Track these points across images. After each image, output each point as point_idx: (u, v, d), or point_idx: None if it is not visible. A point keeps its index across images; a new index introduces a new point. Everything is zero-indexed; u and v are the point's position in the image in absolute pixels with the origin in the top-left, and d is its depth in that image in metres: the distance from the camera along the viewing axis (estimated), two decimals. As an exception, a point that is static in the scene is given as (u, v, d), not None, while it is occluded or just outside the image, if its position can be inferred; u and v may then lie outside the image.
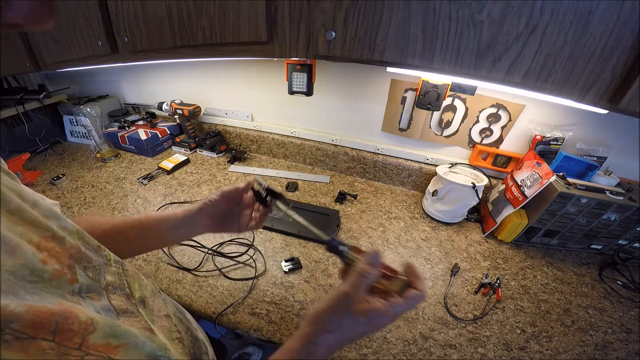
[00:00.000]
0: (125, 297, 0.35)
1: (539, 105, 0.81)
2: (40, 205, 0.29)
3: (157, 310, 0.39)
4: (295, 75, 0.83)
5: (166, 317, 0.39)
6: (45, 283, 0.24)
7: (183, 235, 0.52)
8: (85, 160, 1.24)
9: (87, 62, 0.90)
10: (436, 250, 0.81)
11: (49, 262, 0.26)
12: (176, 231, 0.50)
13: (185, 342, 0.39)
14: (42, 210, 0.29)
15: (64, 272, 0.27)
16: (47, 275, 0.25)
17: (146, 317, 0.35)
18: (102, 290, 0.32)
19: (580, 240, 0.79)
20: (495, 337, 0.60)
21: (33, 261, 0.24)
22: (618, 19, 0.40)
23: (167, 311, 0.41)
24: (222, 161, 1.22)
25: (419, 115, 0.95)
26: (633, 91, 0.42)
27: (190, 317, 0.50)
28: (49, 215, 0.29)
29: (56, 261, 0.27)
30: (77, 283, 0.28)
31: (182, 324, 0.42)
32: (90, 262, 0.32)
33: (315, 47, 0.58)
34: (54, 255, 0.27)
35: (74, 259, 0.29)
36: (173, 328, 0.39)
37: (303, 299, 0.66)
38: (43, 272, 0.25)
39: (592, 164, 0.78)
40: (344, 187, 1.06)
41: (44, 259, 0.25)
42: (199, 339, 0.46)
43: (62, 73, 1.47)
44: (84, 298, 0.28)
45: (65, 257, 0.28)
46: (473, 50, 0.48)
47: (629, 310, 0.66)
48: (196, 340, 0.44)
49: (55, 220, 0.30)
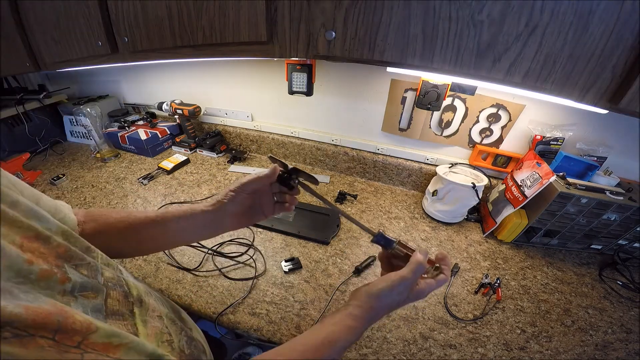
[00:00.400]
0: (124, 295, 0.34)
1: (539, 105, 0.81)
2: (21, 205, 0.28)
3: (151, 310, 0.39)
4: (295, 75, 0.83)
5: (159, 317, 0.39)
6: (33, 284, 0.24)
7: (205, 235, 0.50)
8: (85, 160, 1.24)
9: (87, 62, 0.90)
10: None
11: (35, 262, 0.25)
12: (196, 232, 0.48)
13: (175, 345, 0.38)
14: (22, 211, 0.28)
15: (53, 271, 0.26)
16: (33, 276, 0.24)
17: (139, 317, 0.35)
18: (102, 287, 0.32)
19: (580, 240, 0.79)
20: (495, 337, 0.60)
21: (18, 262, 0.24)
22: (618, 19, 0.40)
23: (160, 311, 0.41)
24: (222, 161, 1.22)
25: (419, 115, 0.95)
26: (633, 91, 0.42)
27: (186, 316, 0.49)
28: (30, 215, 0.28)
29: (43, 261, 0.26)
30: (69, 282, 0.27)
31: (174, 325, 0.42)
32: (83, 260, 0.31)
33: (315, 47, 0.58)
34: (40, 255, 0.26)
35: (63, 258, 0.29)
36: (164, 330, 0.39)
37: (303, 299, 0.66)
38: (29, 272, 0.24)
39: (592, 164, 0.78)
40: (344, 187, 1.06)
41: (29, 259, 0.24)
42: (195, 338, 0.45)
43: (62, 73, 1.47)
44: (77, 297, 0.27)
45: (52, 257, 0.27)
46: (473, 50, 0.48)
47: (629, 310, 0.66)
48: (192, 340, 0.44)
49: (37, 220, 0.29)
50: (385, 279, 0.40)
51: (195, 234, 0.49)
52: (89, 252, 0.33)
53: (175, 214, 0.46)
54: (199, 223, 0.47)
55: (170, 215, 0.46)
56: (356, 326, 0.38)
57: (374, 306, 0.40)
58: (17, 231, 0.26)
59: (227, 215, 0.47)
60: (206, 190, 1.03)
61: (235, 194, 0.46)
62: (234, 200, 0.46)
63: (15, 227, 0.26)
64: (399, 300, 0.41)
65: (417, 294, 0.41)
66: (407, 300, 0.41)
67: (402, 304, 0.42)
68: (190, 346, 0.42)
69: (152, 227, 0.45)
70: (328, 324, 0.39)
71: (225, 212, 0.47)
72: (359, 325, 0.39)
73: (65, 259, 0.29)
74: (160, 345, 0.36)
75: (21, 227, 0.26)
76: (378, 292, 0.40)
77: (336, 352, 0.37)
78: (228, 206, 0.46)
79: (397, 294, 0.40)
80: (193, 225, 0.47)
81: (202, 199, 0.97)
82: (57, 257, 0.28)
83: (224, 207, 0.46)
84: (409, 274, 0.40)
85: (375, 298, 0.40)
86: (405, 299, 0.41)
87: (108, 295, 0.32)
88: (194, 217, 0.46)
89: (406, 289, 0.40)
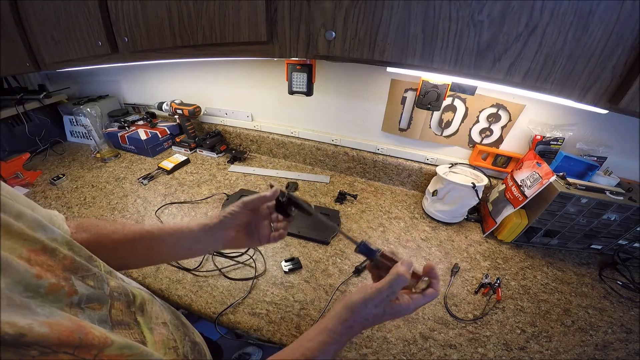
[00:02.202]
0: (126, 305, 0.35)
1: (539, 105, 0.81)
2: (26, 217, 0.28)
3: (155, 317, 0.39)
4: (295, 75, 0.83)
5: (163, 324, 0.39)
6: (42, 298, 0.24)
7: (198, 250, 0.49)
8: (85, 160, 1.24)
9: (87, 62, 0.90)
10: (436, 250, 0.81)
11: (44, 276, 0.25)
12: (191, 246, 0.47)
13: (180, 352, 0.39)
14: (27, 222, 0.28)
15: (60, 284, 0.26)
16: (43, 290, 0.24)
17: (144, 326, 0.35)
18: (107, 297, 0.32)
19: (580, 240, 0.79)
20: (495, 337, 0.60)
21: (26, 277, 0.24)
22: (618, 19, 0.40)
23: (164, 318, 0.41)
24: (222, 161, 1.22)
25: (419, 115, 0.95)
26: (633, 91, 0.42)
27: (185, 320, 0.50)
28: (35, 226, 0.28)
29: (51, 274, 0.26)
30: (76, 295, 0.27)
31: (178, 330, 0.42)
32: (89, 271, 0.31)
33: (315, 47, 0.58)
34: (47, 269, 0.26)
35: (69, 270, 0.29)
36: (170, 336, 0.39)
37: (303, 299, 0.66)
38: (38, 287, 0.24)
39: (592, 164, 0.78)
40: (344, 187, 1.06)
41: (37, 273, 0.25)
42: (198, 343, 0.46)
43: (62, 73, 1.47)
44: (83, 309, 0.28)
45: (59, 269, 0.28)
46: (473, 50, 0.48)
47: (629, 310, 0.66)
48: (195, 345, 0.44)
49: (42, 231, 0.29)
50: (361, 290, 0.38)
51: (191, 249, 0.48)
52: (92, 261, 0.34)
53: (172, 227, 0.47)
54: (195, 236, 0.47)
55: (166, 228, 0.46)
56: (331, 342, 0.36)
57: (348, 319, 0.37)
58: (24, 244, 0.26)
59: (224, 230, 0.47)
60: (206, 190, 1.03)
61: (235, 210, 0.46)
62: (234, 215, 0.46)
63: (22, 240, 0.26)
64: (375, 313, 0.37)
65: (398, 309, 0.38)
66: (386, 315, 0.38)
67: (381, 318, 0.38)
68: (194, 351, 0.42)
69: (148, 240, 0.45)
70: (305, 339, 0.37)
71: (223, 226, 0.47)
72: (333, 341, 0.36)
73: (72, 271, 0.29)
74: (167, 352, 0.36)
75: (27, 240, 0.26)
76: (352, 305, 0.38)
77: None
78: (227, 219, 0.46)
79: (373, 307, 0.37)
80: (189, 238, 0.46)
81: (202, 199, 0.97)
82: (64, 269, 0.28)
83: (224, 220, 0.46)
84: (385, 285, 0.37)
85: (349, 310, 0.37)
86: (382, 313, 0.38)
87: (112, 305, 0.32)
88: (190, 231, 0.46)
89: (382, 302, 0.37)
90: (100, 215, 0.91)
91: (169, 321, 0.41)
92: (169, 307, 0.48)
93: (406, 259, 0.40)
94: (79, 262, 0.31)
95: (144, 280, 0.69)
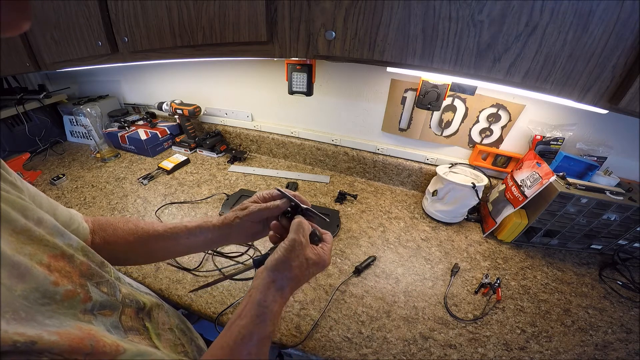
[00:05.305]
0: (135, 311, 0.35)
1: (539, 105, 0.81)
2: (45, 223, 0.29)
3: (162, 323, 0.39)
4: (295, 75, 0.83)
5: (170, 330, 0.40)
6: (58, 304, 0.25)
7: (213, 245, 0.49)
8: (85, 160, 1.24)
9: (87, 62, 0.90)
10: (436, 250, 0.81)
11: (61, 283, 0.26)
12: (204, 245, 0.47)
13: (190, 355, 0.39)
14: (47, 228, 0.28)
15: (76, 291, 0.27)
16: (59, 297, 0.25)
17: (152, 331, 0.35)
18: (119, 304, 0.32)
19: (580, 240, 0.79)
20: (495, 337, 0.60)
21: (45, 284, 0.24)
22: (618, 19, 0.40)
23: (171, 324, 0.41)
24: (222, 161, 1.22)
25: (419, 115, 0.95)
26: (633, 91, 0.42)
27: (190, 325, 0.50)
28: (54, 232, 0.29)
29: (68, 281, 0.27)
30: (90, 302, 0.28)
31: (185, 335, 0.42)
32: (103, 277, 0.32)
33: (315, 47, 0.58)
34: (65, 275, 0.27)
35: (85, 276, 0.29)
36: (177, 342, 0.39)
37: (303, 299, 0.66)
38: (55, 294, 0.25)
39: (592, 164, 0.78)
40: (344, 187, 1.06)
41: (55, 280, 0.25)
42: (202, 347, 0.46)
43: (62, 73, 1.47)
44: (96, 316, 0.28)
45: (77, 276, 0.28)
46: (473, 50, 0.48)
47: (629, 310, 0.66)
48: (201, 350, 0.45)
49: (60, 237, 0.29)
50: (276, 250, 0.38)
51: (202, 247, 0.48)
52: (104, 267, 0.34)
53: (186, 227, 0.46)
54: (209, 238, 0.46)
55: (180, 229, 0.46)
56: (263, 312, 0.35)
57: (276, 279, 0.37)
58: (44, 250, 0.26)
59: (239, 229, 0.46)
60: (206, 190, 1.03)
61: (241, 222, 0.46)
62: (242, 225, 0.46)
63: (42, 246, 0.26)
64: (299, 265, 0.38)
65: (316, 258, 0.39)
66: (310, 267, 0.39)
67: (307, 270, 0.39)
68: (200, 355, 0.42)
69: (162, 240, 0.45)
70: (237, 317, 0.35)
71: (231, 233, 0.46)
72: (266, 310, 0.35)
73: (88, 277, 0.30)
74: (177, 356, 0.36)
75: (47, 246, 0.27)
76: (274, 263, 0.37)
77: (255, 345, 0.33)
78: (234, 229, 0.46)
79: (295, 258, 0.37)
80: (203, 240, 0.46)
81: (202, 199, 0.97)
82: (80, 275, 0.29)
83: (231, 228, 0.46)
84: (292, 235, 0.38)
85: (273, 270, 0.37)
86: (306, 264, 0.38)
87: (122, 312, 0.32)
88: (204, 233, 0.46)
89: (300, 252, 0.38)
90: (100, 215, 0.91)
91: (175, 326, 0.42)
92: (175, 311, 0.48)
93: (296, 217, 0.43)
94: (94, 268, 0.31)
95: (144, 280, 0.69)
